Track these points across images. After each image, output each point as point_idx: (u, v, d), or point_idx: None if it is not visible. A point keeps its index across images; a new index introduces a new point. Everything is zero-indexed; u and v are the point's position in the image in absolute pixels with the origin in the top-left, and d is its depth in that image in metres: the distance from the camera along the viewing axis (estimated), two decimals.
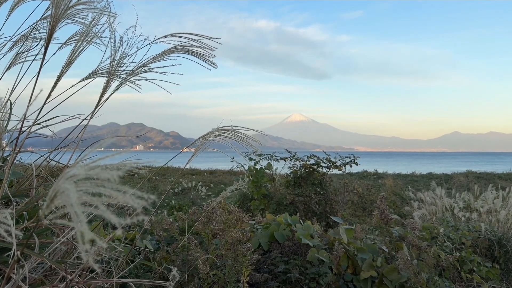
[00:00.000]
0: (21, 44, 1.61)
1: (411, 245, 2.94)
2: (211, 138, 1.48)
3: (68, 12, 1.25)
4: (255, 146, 1.49)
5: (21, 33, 1.60)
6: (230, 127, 1.43)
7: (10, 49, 1.62)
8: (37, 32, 1.55)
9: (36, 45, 1.58)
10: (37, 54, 1.50)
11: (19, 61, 1.59)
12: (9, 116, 1.35)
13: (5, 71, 1.54)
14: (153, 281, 1.23)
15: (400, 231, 3.48)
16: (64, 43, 1.52)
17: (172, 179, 21.63)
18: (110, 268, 1.64)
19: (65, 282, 0.89)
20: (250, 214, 6.30)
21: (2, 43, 1.57)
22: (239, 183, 1.61)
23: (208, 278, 1.93)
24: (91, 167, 0.47)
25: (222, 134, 1.46)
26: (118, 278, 1.26)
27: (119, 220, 0.44)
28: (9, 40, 1.60)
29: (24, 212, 1.03)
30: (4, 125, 1.32)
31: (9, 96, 1.39)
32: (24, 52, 1.61)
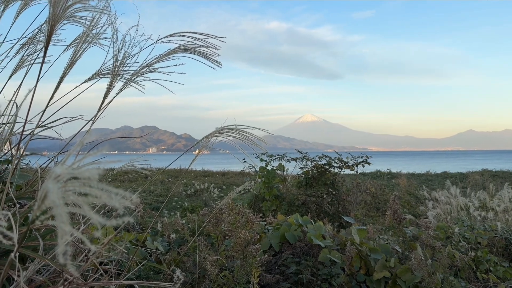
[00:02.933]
0: (27, 47, 1.62)
1: (425, 245, 2.88)
2: (214, 138, 1.46)
3: (67, 12, 1.25)
4: (260, 145, 1.47)
5: (27, 36, 1.61)
6: (234, 126, 1.41)
7: (17, 52, 1.63)
8: (43, 34, 1.56)
9: (41, 48, 1.58)
10: (39, 57, 1.51)
11: (25, 64, 1.60)
12: (15, 119, 1.36)
13: (12, 74, 1.55)
14: (155, 282, 1.22)
15: (414, 231, 3.42)
16: (69, 45, 1.52)
17: (184, 181, 21.73)
18: (119, 269, 1.63)
19: (62, 284, 0.88)
20: (261, 215, 6.28)
21: (9, 47, 1.59)
22: (247, 183, 1.59)
23: (218, 280, 1.92)
24: (73, 166, 0.46)
25: (227, 133, 1.44)
26: (125, 279, 1.26)
27: (103, 221, 0.43)
28: (16, 43, 1.61)
29: (29, 214, 1.03)
30: (10, 128, 1.33)
31: (15, 99, 1.40)
32: (30, 54, 1.62)
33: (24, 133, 1.24)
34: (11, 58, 1.60)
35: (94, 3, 1.34)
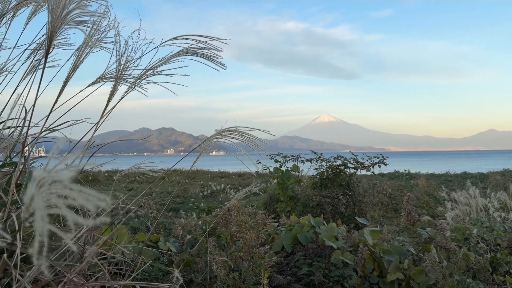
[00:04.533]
0: (37, 52, 1.66)
1: (440, 246, 2.83)
2: (215, 140, 1.47)
3: (68, 17, 1.28)
4: (261, 146, 1.47)
5: (36, 42, 1.65)
6: (234, 128, 1.41)
7: (28, 57, 1.68)
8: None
9: (51, 53, 1.62)
10: (48, 61, 1.55)
11: (35, 69, 1.64)
12: (24, 122, 1.39)
13: (23, 79, 1.59)
14: (153, 283, 1.24)
15: (431, 232, 3.37)
16: (76, 50, 1.55)
17: (201, 182, 21.87)
18: (131, 270, 1.65)
19: (62, 283, 0.90)
20: (273, 216, 6.27)
21: (20, 52, 1.63)
22: (253, 184, 1.60)
23: (227, 280, 1.92)
24: (51, 169, 0.47)
25: (228, 135, 1.45)
26: (130, 279, 1.27)
27: (83, 221, 0.44)
28: (26, 48, 1.65)
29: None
30: (20, 131, 1.36)
31: (24, 103, 1.44)
32: (41, 59, 1.66)
33: (31, 136, 1.27)
34: (23, 63, 1.65)
35: (94, 8, 1.37)
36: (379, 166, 7.48)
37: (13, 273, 0.95)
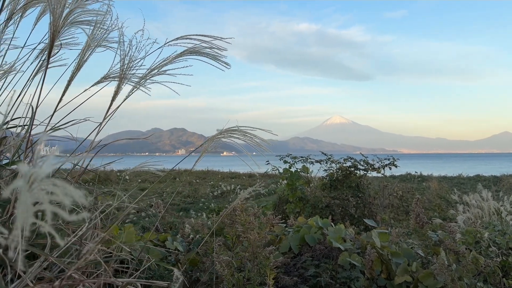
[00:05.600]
0: (45, 51, 1.68)
1: (449, 249, 2.80)
2: (216, 139, 1.47)
3: (70, 17, 1.29)
4: (263, 146, 1.47)
5: (45, 41, 1.67)
6: (236, 128, 1.41)
7: (36, 57, 1.70)
8: (59, 41, 1.61)
9: (57, 52, 1.64)
10: (56, 61, 1.57)
11: (43, 68, 1.66)
12: (31, 121, 1.41)
13: (30, 78, 1.61)
14: (150, 281, 1.24)
15: (441, 235, 3.33)
16: (82, 50, 1.57)
17: (212, 182, 21.94)
18: (134, 268, 1.67)
19: (60, 279, 0.91)
20: (282, 216, 6.24)
21: (29, 51, 1.66)
22: (257, 184, 1.60)
23: (232, 280, 1.92)
24: (35, 167, 0.47)
25: (230, 135, 1.44)
26: (133, 277, 1.28)
27: (68, 217, 0.44)
28: (34, 48, 1.68)
29: (39, 213, 1.07)
30: (27, 129, 1.38)
31: (31, 102, 1.46)
32: (44, 59, 1.68)
33: (37, 135, 1.29)
34: (31, 63, 1.67)
35: (97, 7, 1.38)
36: (390, 168, 7.42)
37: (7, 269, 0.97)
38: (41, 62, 1.66)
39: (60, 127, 1.45)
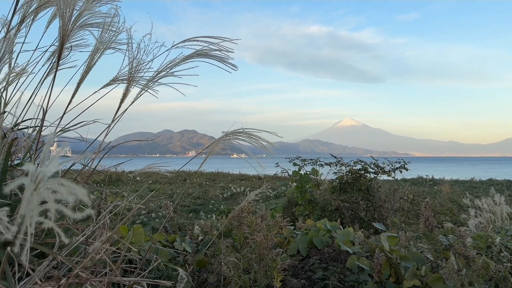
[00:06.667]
0: (56, 54, 1.71)
1: (459, 254, 2.77)
2: (222, 141, 1.48)
3: (79, 20, 1.32)
4: (268, 148, 1.48)
5: (55, 44, 1.70)
6: (241, 130, 1.43)
7: (48, 59, 1.73)
8: (69, 43, 1.64)
9: (67, 54, 1.67)
10: (66, 63, 1.60)
11: (53, 70, 1.69)
12: (42, 123, 1.44)
13: (42, 80, 1.64)
14: (156, 281, 1.26)
15: (452, 239, 3.29)
16: (91, 53, 1.60)
17: (221, 184, 21.99)
18: (142, 267, 1.68)
19: (67, 277, 0.93)
20: (291, 219, 6.23)
21: (40, 54, 1.69)
22: (263, 186, 1.61)
23: (239, 282, 1.93)
24: (42, 166, 0.48)
25: (236, 137, 1.46)
26: (140, 277, 1.30)
27: (72, 214, 0.45)
28: (46, 51, 1.71)
29: (48, 212, 1.09)
30: (38, 131, 1.41)
31: (42, 103, 1.49)
32: (53, 62, 1.72)
33: (47, 136, 1.32)
34: (43, 65, 1.70)
35: (105, 10, 1.40)
36: (401, 171, 7.36)
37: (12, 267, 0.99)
38: (51, 64, 1.69)
39: (70, 128, 1.48)
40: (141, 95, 1.54)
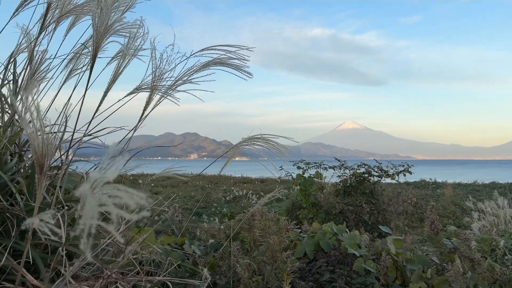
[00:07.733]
0: (74, 61, 1.78)
1: (464, 256, 2.81)
2: (242, 147, 1.53)
3: (109, 32, 1.37)
4: (285, 153, 1.53)
5: (74, 51, 1.76)
6: (260, 136, 1.48)
7: (66, 66, 1.79)
8: (87, 49, 1.70)
9: (86, 61, 1.73)
10: (83, 70, 1.66)
11: (72, 76, 1.75)
12: (65, 128, 1.49)
13: (61, 86, 1.70)
14: (185, 280, 1.31)
15: (456, 242, 3.33)
16: (113, 58, 1.66)
17: (224, 187, 22.03)
18: (156, 269, 1.73)
19: (102, 278, 0.98)
20: (295, 222, 6.27)
21: (59, 61, 1.75)
22: (276, 190, 1.65)
23: (250, 284, 1.98)
24: (103, 172, 0.53)
25: (254, 142, 1.51)
26: (160, 277, 1.35)
27: (128, 216, 0.50)
28: (65, 58, 1.77)
29: (76, 216, 1.14)
30: (60, 136, 1.46)
31: (65, 110, 1.54)
32: (79, 68, 1.78)
33: (72, 141, 1.37)
34: (61, 72, 1.76)
35: (130, 20, 1.46)
36: (404, 175, 7.39)
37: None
38: (70, 70, 1.75)
39: (94, 134, 1.54)
40: (160, 101, 1.60)
